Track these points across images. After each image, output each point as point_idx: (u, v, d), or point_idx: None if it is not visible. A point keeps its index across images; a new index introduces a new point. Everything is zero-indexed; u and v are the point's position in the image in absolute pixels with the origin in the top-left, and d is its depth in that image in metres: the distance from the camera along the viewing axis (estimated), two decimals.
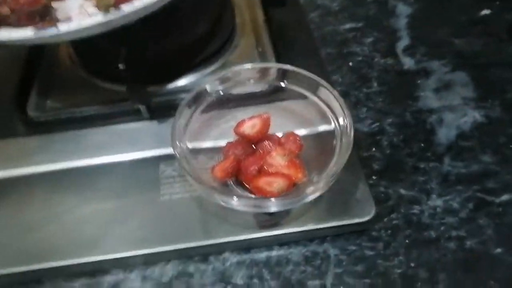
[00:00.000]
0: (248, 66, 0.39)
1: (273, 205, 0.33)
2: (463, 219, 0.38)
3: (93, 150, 0.40)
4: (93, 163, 0.39)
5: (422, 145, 0.43)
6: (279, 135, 0.38)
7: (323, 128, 0.38)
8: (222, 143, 0.38)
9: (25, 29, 0.30)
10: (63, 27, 0.29)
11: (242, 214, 0.36)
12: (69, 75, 0.46)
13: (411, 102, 0.46)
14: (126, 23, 0.33)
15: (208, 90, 0.38)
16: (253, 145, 0.38)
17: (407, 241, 0.37)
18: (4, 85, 0.45)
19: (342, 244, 0.37)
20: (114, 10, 0.31)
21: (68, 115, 0.42)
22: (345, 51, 0.52)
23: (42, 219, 0.37)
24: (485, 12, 0.55)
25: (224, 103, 0.39)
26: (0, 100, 0.44)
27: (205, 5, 0.45)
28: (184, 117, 0.36)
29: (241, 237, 0.36)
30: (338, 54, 0.51)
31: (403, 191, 0.40)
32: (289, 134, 0.38)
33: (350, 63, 0.50)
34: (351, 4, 0.57)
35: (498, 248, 0.36)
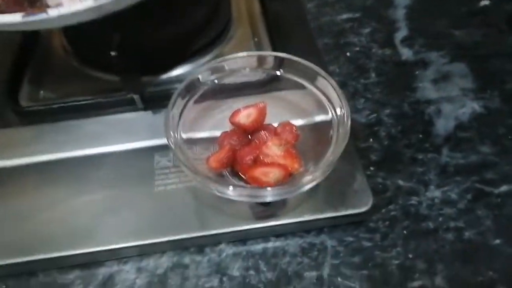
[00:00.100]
0: (241, 54, 0.38)
1: (269, 195, 0.32)
2: (462, 210, 0.38)
3: (87, 140, 0.40)
4: (86, 153, 0.39)
5: (420, 136, 0.42)
6: (275, 125, 0.38)
7: (320, 118, 0.37)
8: (217, 133, 0.38)
9: (14, 14, 0.29)
10: (53, 12, 0.29)
11: (238, 204, 0.35)
12: (62, 64, 0.46)
13: (409, 93, 0.46)
14: (118, 9, 0.32)
15: (200, 79, 0.37)
16: (248, 135, 0.37)
17: (405, 232, 0.37)
18: None
19: (339, 235, 0.36)
20: None
21: (61, 105, 0.42)
22: (342, 41, 0.51)
23: (35, 210, 0.36)
24: (485, 2, 0.55)
25: (219, 93, 0.39)
26: None
27: None
28: (177, 107, 0.36)
29: (237, 228, 0.35)
30: (336, 45, 0.51)
31: (401, 182, 0.39)
32: (285, 124, 0.37)
33: (348, 54, 0.50)
34: None
35: (496, 239, 0.36)
